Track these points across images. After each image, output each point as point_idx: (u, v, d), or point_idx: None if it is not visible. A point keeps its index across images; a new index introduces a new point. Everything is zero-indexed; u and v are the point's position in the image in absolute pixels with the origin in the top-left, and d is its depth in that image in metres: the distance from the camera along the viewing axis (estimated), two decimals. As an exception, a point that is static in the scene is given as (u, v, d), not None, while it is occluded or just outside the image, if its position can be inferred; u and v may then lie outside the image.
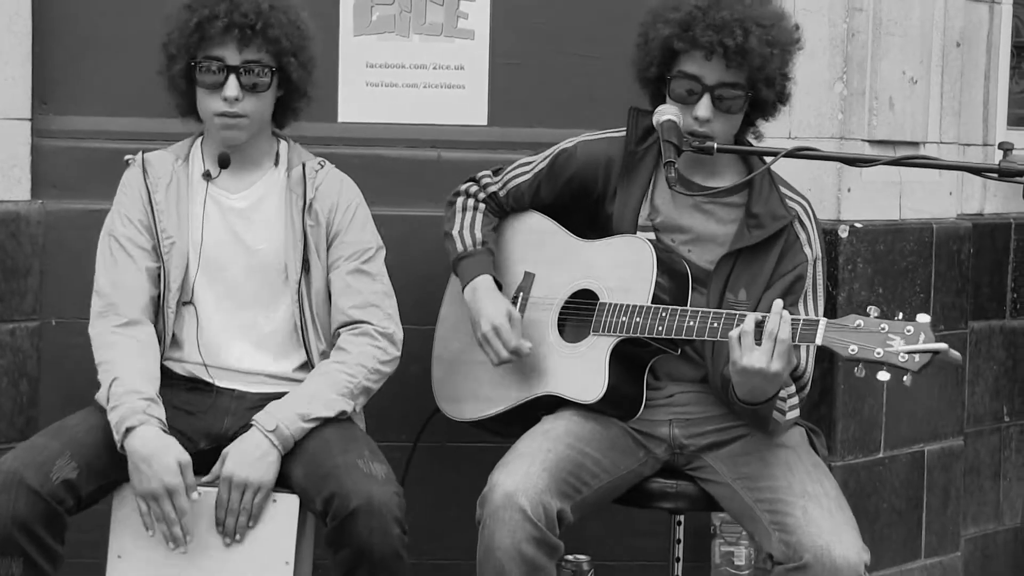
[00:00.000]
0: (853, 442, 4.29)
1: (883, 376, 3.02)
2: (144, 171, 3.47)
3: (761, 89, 3.36)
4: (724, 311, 3.26)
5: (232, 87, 3.36)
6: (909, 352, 2.99)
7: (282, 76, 3.43)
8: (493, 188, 3.64)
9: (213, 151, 3.49)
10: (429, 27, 4.20)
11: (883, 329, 3.03)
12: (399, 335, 3.49)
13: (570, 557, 3.71)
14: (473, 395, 3.61)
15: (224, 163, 3.45)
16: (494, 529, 3.20)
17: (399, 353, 3.49)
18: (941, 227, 4.53)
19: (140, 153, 3.52)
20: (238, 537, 3.25)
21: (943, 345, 3.00)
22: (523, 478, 3.23)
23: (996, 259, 4.95)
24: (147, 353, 3.38)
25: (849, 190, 4.28)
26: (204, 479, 3.29)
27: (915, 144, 4.47)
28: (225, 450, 3.29)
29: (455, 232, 3.61)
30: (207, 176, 3.48)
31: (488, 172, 3.67)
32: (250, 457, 3.26)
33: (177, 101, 3.49)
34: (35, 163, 4.08)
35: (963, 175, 4.71)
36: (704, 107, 3.34)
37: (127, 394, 3.26)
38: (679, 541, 3.66)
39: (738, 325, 3.15)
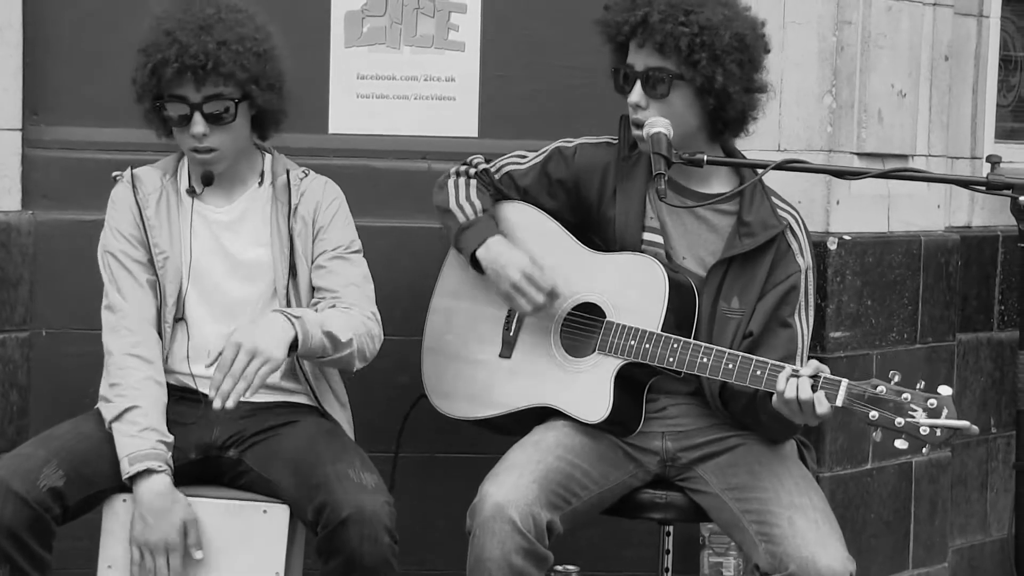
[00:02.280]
0: (841, 453, 4.30)
1: (900, 444, 3.04)
2: (134, 187, 3.47)
3: (687, 73, 3.33)
4: (740, 354, 3.26)
5: (198, 124, 3.36)
6: (931, 426, 3.01)
7: (249, 103, 3.42)
8: (485, 166, 3.61)
9: (197, 169, 3.49)
10: (420, 39, 4.21)
11: (905, 399, 3.04)
12: (379, 318, 3.46)
13: (560, 568, 3.72)
14: (468, 395, 3.59)
15: (208, 181, 3.46)
16: (484, 540, 3.21)
17: (383, 335, 3.46)
18: (929, 239, 4.55)
19: (128, 169, 3.51)
20: (230, 403, 3.13)
21: (965, 423, 3.01)
22: (513, 489, 3.24)
23: (983, 271, 4.97)
24: (160, 379, 3.38)
25: (838, 202, 4.30)
26: (209, 362, 3.22)
27: (904, 157, 4.49)
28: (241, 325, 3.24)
29: (452, 204, 3.55)
30: (191, 192, 3.48)
31: (479, 156, 3.65)
32: (267, 331, 3.19)
33: (159, 129, 3.49)
34: (25, 173, 4.08)
35: (951, 188, 4.73)
36: (636, 94, 3.36)
37: (148, 431, 3.27)
38: (668, 552, 3.66)
39: (752, 376, 3.18)
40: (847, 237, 4.29)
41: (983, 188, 3.12)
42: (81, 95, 4.13)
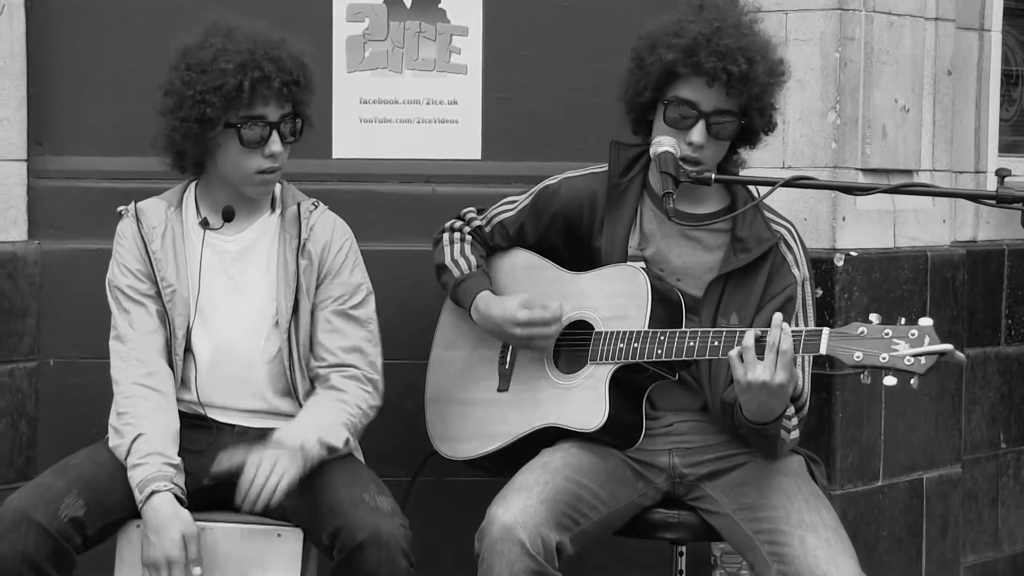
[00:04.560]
0: (852, 470, 4.29)
1: (889, 381, 3.03)
2: (138, 221, 3.47)
3: (754, 118, 3.39)
4: (724, 329, 3.27)
5: (276, 143, 3.38)
6: (915, 355, 3.00)
7: (302, 124, 3.47)
8: (478, 223, 3.65)
9: (214, 202, 3.48)
10: (422, 63, 4.22)
11: (887, 335, 3.04)
12: (381, 385, 3.51)
13: (570, 589, 3.71)
14: (471, 433, 3.60)
15: (229, 217, 3.46)
16: (492, 562, 3.20)
17: (381, 403, 3.51)
18: (935, 254, 4.54)
19: (132, 203, 3.51)
20: (258, 507, 3.20)
21: (948, 346, 3.01)
22: (521, 511, 3.23)
23: (990, 286, 4.96)
24: (169, 408, 3.38)
25: (844, 219, 4.29)
26: (216, 471, 3.27)
27: (908, 172, 4.49)
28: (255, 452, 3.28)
29: (448, 261, 3.60)
30: (204, 224, 3.48)
31: (472, 209, 3.68)
32: (277, 456, 3.24)
33: (181, 161, 3.47)
34: (31, 204, 4.09)
35: (956, 202, 4.73)
36: (699, 133, 3.36)
37: (152, 455, 3.27)
38: (681, 572, 3.65)
39: (739, 343, 3.16)
40: (853, 253, 4.28)
41: (993, 202, 3.11)
42: (86, 125, 4.14)
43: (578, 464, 3.38)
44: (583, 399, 3.40)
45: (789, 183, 3.28)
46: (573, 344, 3.48)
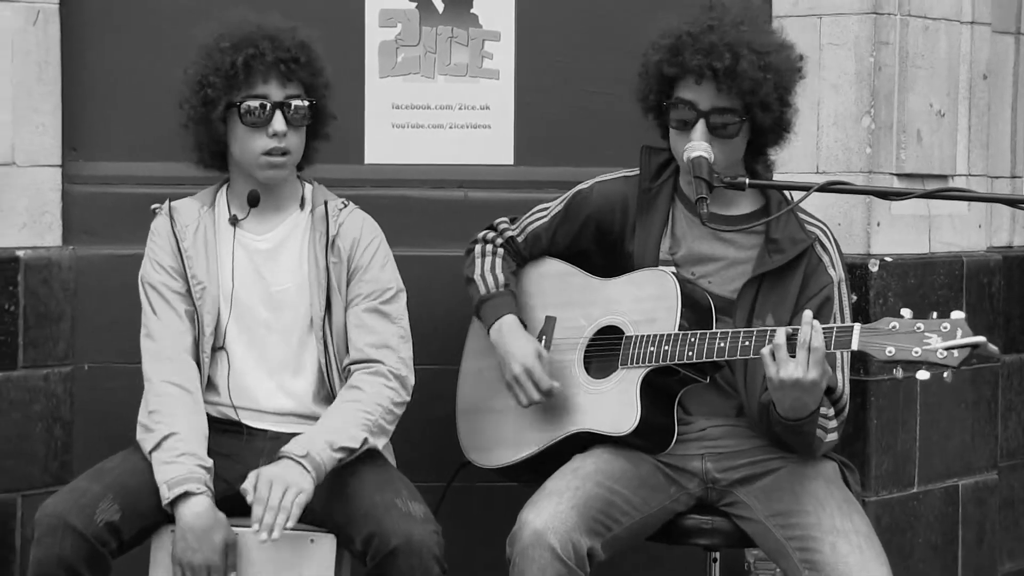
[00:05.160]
0: (887, 477, 4.26)
1: (923, 375, 3.02)
2: (172, 219, 3.49)
3: (756, 114, 3.36)
4: (755, 329, 3.26)
5: (279, 122, 3.40)
6: (947, 348, 2.99)
7: (316, 109, 3.47)
8: (511, 233, 3.65)
9: (240, 195, 3.50)
10: (454, 68, 4.22)
11: (919, 328, 3.02)
12: (411, 380, 3.49)
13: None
14: (503, 441, 3.60)
15: (254, 201, 3.46)
16: (524, 568, 3.20)
17: (409, 398, 3.49)
18: (971, 260, 4.51)
19: (167, 201, 3.54)
20: (275, 535, 3.18)
21: (981, 338, 2.99)
22: (552, 516, 3.23)
23: (1027, 291, 4.93)
24: (199, 408, 3.40)
25: (878, 224, 4.27)
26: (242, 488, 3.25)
27: (943, 177, 4.46)
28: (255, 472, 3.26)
29: (476, 276, 3.61)
30: (234, 221, 3.50)
31: (505, 219, 3.69)
32: (291, 472, 3.23)
33: (200, 153, 3.51)
34: (66, 209, 4.11)
35: (992, 207, 4.70)
36: (699, 132, 3.35)
37: (185, 456, 3.27)
38: (714, 578, 3.64)
39: (769, 342, 3.15)
40: (888, 259, 4.26)
41: (1034, 206, 3.10)
42: (120, 130, 4.17)
43: (610, 470, 3.38)
44: (615, 403, 3.39)
45: (823, 188, 3.27)
46: (603, 349, 3.48)
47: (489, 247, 3.65)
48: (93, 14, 4.14)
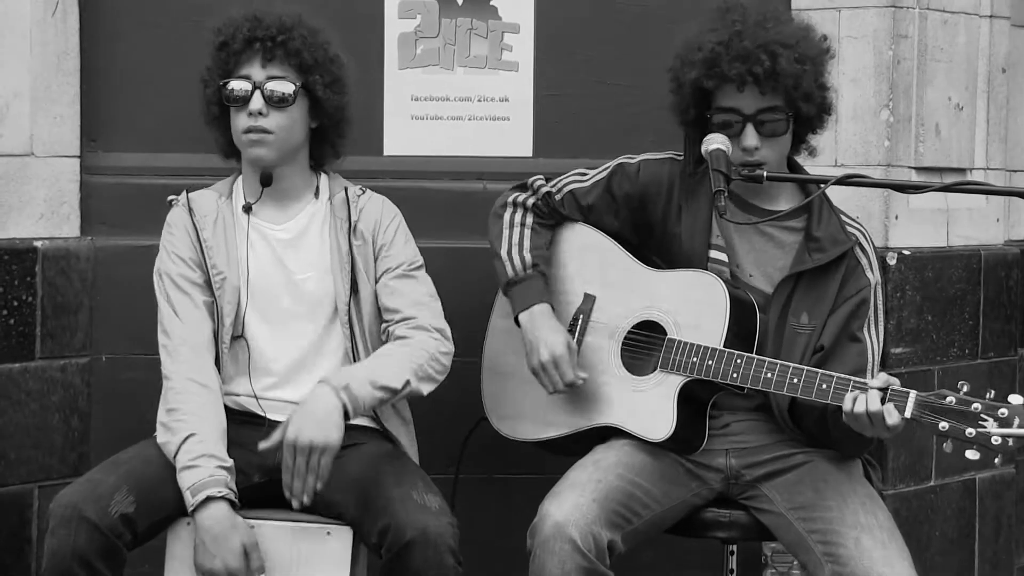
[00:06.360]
0: (904, 470, 4.26)
1: (972, 455, 3.02)
2: (190, 210, 3.49)
3: (801, 107, 3.36)
4: (805, 368, 3.24)
5: (256, 101, 3.40)
6: (1003, 436, 2.98)
7: (310, 96, 3.45)
8: (547, 189, 3.61)
9: (252, 182, 3.51)
10: (473, 60, 4.22)
11: (976, 409, 3.01)
12: (449, 332, 3.49)
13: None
14: (530, 416, 3.59)
15: (267, 180, 3.46)
16: (544, 560, 3.20)
17: (454, 348, 3.48)
18: (989, 253, 4.51)
19: (184, 193, 3.53)
20: (306, 499, 3.20)
21: None
22: (573, 509, 3.23)
23: (1045, 285, 4.92)
24: (218, 404, 3.38)
25: (896, 217, 4.27)
26: (264, 445, 3.23)
27: (962, 170, 4.45)
28: (292, 411, 3.26)
29: (503, 253, 3.58)
30: (247, 209, 3.49)
31: (541, 176, 3.65)
32: (314, 417, 3.22)
33: (218, 139, 3.53)
34: (84, 200, 4.12)
35: (1010, 201, 4.69)
36: (750, 136, 3.34)
37: (205, 457, 3.26)
38: (732, 571, 3.63)
39: (817, 387, 3.16)
40: (906, 252, 4.25)
41: (1053, 200, 3.09)
42: (138, 121, 4.17)
43: (631, 463, 3.37)
44: (650, 407, 3.39)
45: (841, 181, 3.26)
46: (642, 345, 3.46)
47: (519, 214, 3.61)
48: (112, 5, 4.14)
